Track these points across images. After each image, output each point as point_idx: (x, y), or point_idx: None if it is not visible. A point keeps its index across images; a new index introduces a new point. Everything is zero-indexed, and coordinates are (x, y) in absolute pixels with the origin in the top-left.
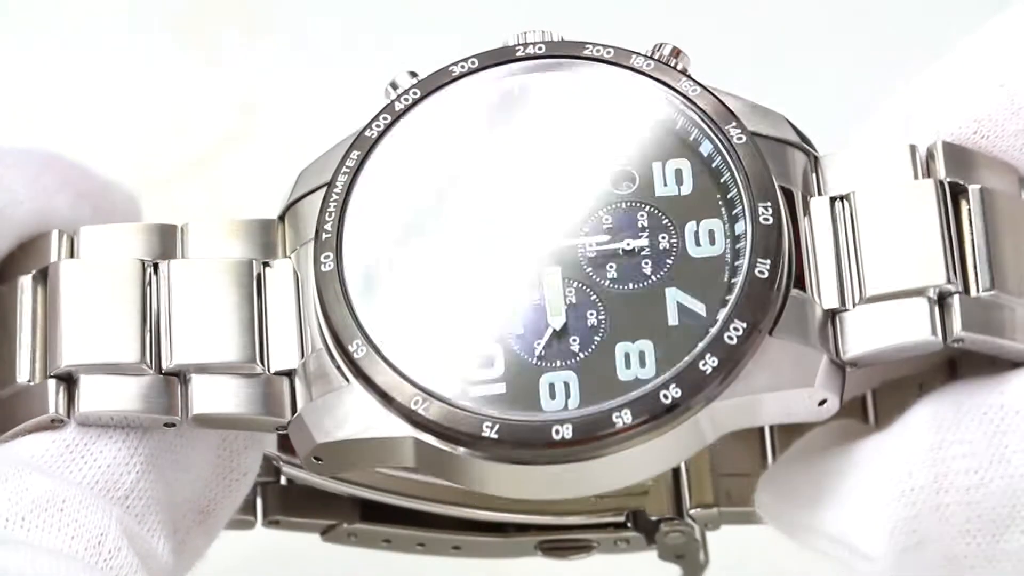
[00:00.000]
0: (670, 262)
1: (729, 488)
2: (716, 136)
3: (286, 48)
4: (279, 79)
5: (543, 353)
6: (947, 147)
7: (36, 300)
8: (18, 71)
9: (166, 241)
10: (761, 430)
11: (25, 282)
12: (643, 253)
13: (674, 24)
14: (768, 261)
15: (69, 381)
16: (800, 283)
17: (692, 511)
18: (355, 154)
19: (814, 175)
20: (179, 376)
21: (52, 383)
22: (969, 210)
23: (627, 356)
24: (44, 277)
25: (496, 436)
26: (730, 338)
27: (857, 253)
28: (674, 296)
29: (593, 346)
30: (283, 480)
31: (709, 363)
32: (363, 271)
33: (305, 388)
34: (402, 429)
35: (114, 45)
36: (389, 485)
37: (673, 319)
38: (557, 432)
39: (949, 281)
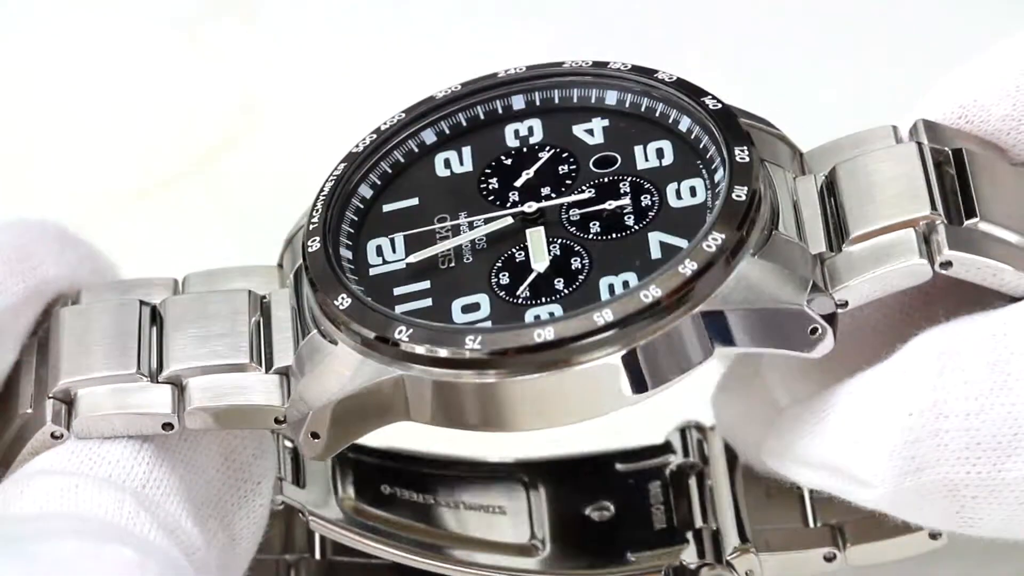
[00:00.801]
0: (652, 213)
1: (768, 538)
2: (692, 109)
3: (288, 47)
4: (280, 79)
5: (527, 294)
6: (928, 122)
7: (38, 351)
8: (17, 71)
9: (166, 290)
10: (800, 494)
11: (32, 342)
12: (625, 211)
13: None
14: (745, 187)
15: (67, 402)
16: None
17: (731, 557)
18: (342, 165)
19: (800, 165)
20: (176, 384)
21: (49, 403)
22: (952, 172)
23: (611, 286)
24: (47, 333)
25: (479, 346)
26: (709, 247)
27: (841, 209)
28: (657, 237)
29: (577, 283)
30: (318, 555)
31: (688, 267)
32: (351, 252)
33: (296, 375)
34: (388, 371)
35: (114, 45)
36: (428, 547)
37: (656, 254)
38: (539, 335)
39: (933, 211)
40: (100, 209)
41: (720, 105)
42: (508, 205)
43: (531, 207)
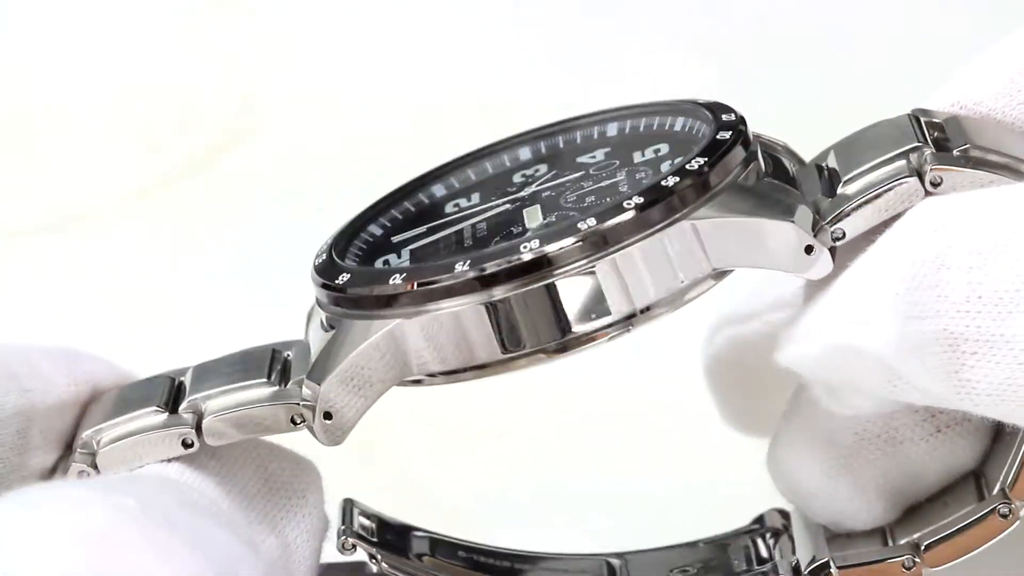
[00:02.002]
0: (645, 180)
1: (847, 555)
2: (685, 108)
3: (288, 47)
4: (280, 79)
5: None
6: (921, 109)
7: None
8: (17, 71)
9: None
10: (882, 532)
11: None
12: (620, 185)
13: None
14: (730, 132)
15: (92, 453)
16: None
17: (808, 570)
18: (352, 215)
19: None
20: (194, 411)
21: (76, 455)
22: (938, 124)
23: None
24: None
25: (467, 267)
26: (692, 167)
27: (833, 171)
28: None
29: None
30: None
31: (672, 180)
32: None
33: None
34: (383, 323)
35: (114, 45)
36: None
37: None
38: (525, 247)
39: (919, 143)
40: (100, 209)
41: (712, 101)
42: (510, 205)
43: (527, 191)
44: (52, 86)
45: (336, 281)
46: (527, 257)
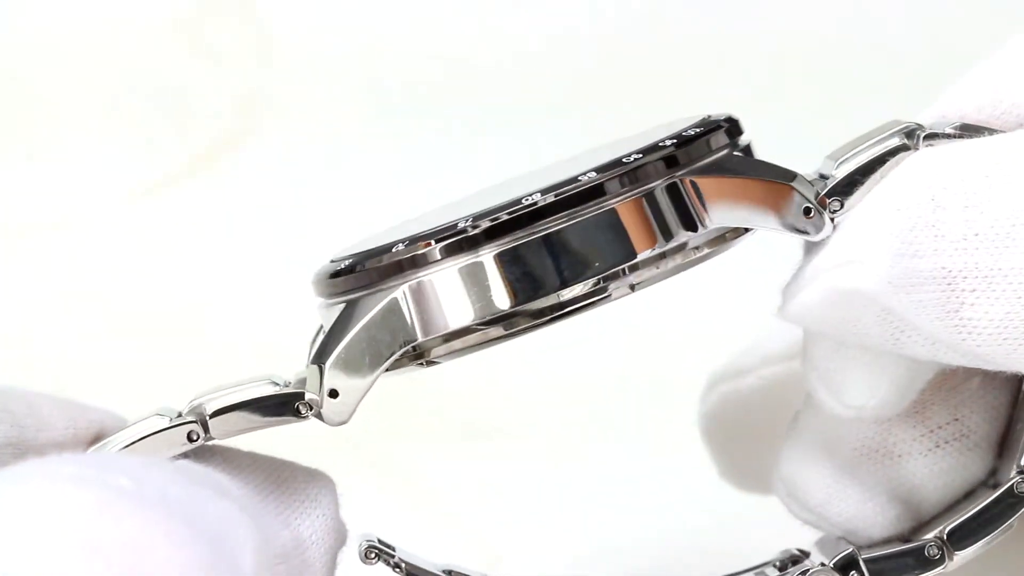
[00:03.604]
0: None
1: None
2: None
3: (287, 48)
4: (280, 79)
5: None
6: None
7: None
8: (17, 71)
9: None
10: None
11: None
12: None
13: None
14: (726, 120)
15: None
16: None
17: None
18: None
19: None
20: (197, 412)
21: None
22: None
23: None
24: None
25: (471, 223)
26: (687, 132)
27: (826, 164)
28: None
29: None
30: None
31: (668, 143)
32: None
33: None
34: (387, 294)
35: (114, 45)
36: None
37: None
38: (528, 198)
39: (911, 123)
40: (100, 209)
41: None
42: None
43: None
44: (52, 86)
45: (337, 266)
46: (528, 203)
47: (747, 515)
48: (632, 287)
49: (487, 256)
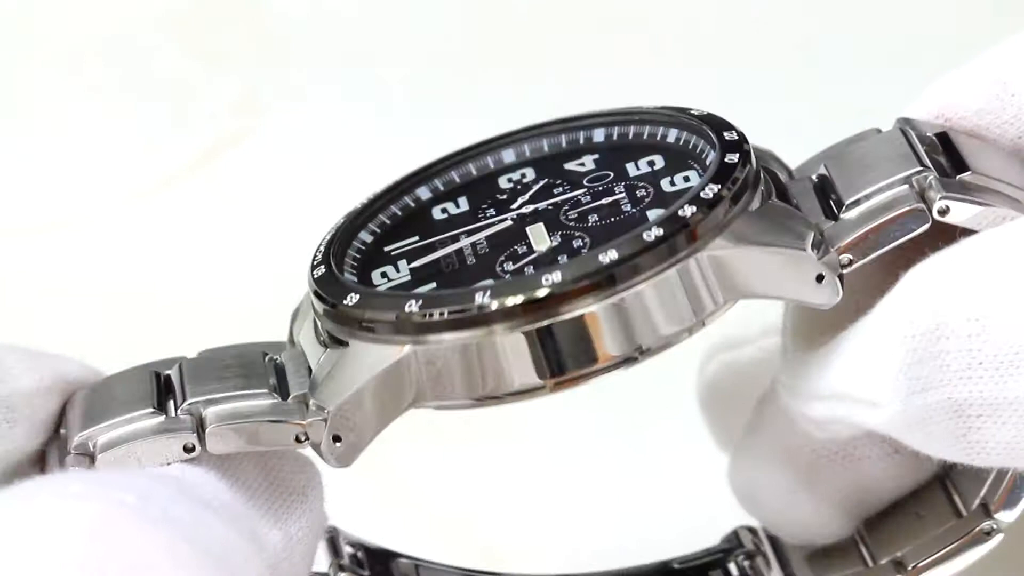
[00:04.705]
0: (648, 199)
1: None
2: (678, 120)
3: (286, 48)
4: (280, 79)
5: (533, 271)
6: (909, 119)
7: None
8: (17, 71)
9: (176, 364)
10: (855, 542)
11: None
12: (622, 202)
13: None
14: (737, 154)
15: (89, 455)
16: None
17: None
18: (341, 221)
19: (788, 176)
20: (194, 415)
21: (71, 458)
22: (934, 143)
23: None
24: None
25: (489, 298)
26: (706, 195)
27: (833, 189)
28: (655, 214)
29: (580, 255)
30: None
31: (688, 210)
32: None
33: (313, 390)
34: (398, 350)
35: (114, 44)
36: None
37: (655, 219)
38: (547, 279)
39: (923, 167)
40: (100, 208)
41: (705, 112)
42: (506, 218)
43: (529, 208)
44: (52, 86)
45: (345, 302)
46: (546, 291)
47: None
48: (640, 353)
49: (503, 335)
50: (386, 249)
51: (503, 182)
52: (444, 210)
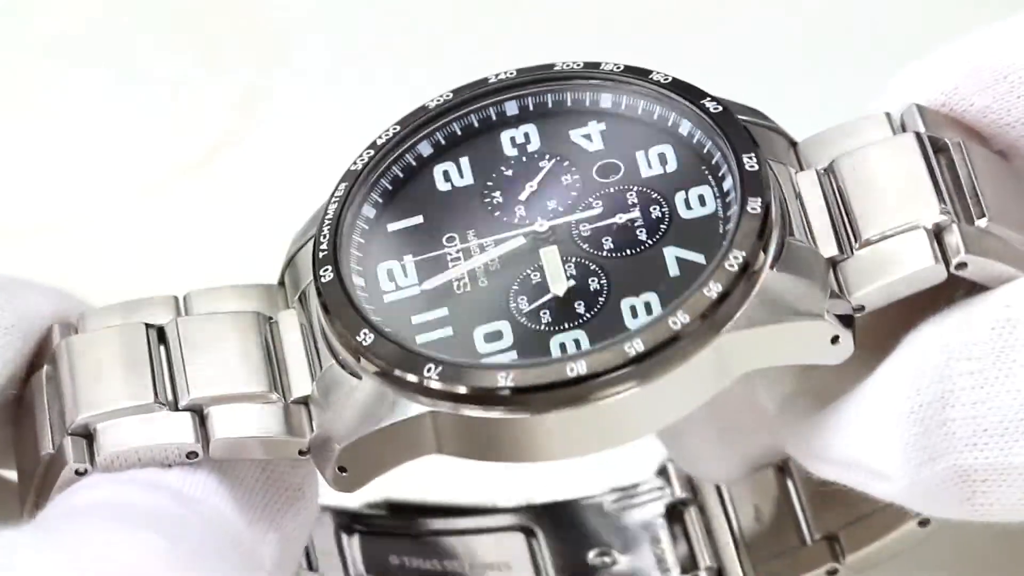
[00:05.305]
0: (664, 226)
1: (772, 572)
2: (693, 113)
3: (285, 47)
4: (278, 79)
5: (549, 319)
6: (920, 108)
7: (52, 385)
8: (17, 71)
9: (168, 308)
10: (791, 504)
11: (42, 374)
12: (636, 224)
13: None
14: (759, 199)
15: (88, 436)
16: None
17: None
18: (343, 185)
19: (796, 157)
20: (197, 412)
21: (69, 440)
22: (949, 159)
23: (633, 308)
24: (55, 363)
25: (512, 383)
26: (731, 266)
27: (848, 207)
28: (673, 252)
29: (598, 306)
30: None
31: (714, 288)
32: (363, 279)
33: (320, 406)
34: (417, 408)
35: (114, 44)
36: None
37: (674, 271)
38: (572, 369)
39: (942, 212)
40: (100, 209)
41: (720, 108)
42: (516, 220)
43: (542, 226)
44: (52, 86)
45: (357, 338)
46: (573, 376)
47: None
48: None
49: (524, 415)
50: (390, 228)
51: (506, 143)
52: (447, 175)
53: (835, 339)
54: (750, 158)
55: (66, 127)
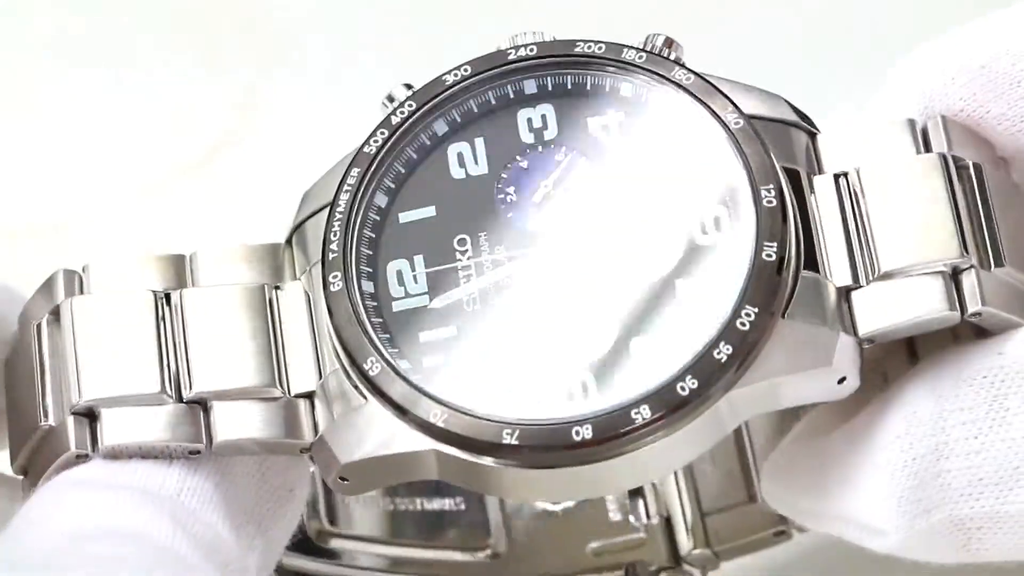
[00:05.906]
0: (677, 256)
1: (718, 527)
2: (714, 119)
3: (285, 47)
4: (278, 79)
5: (558, 355)
6: (946, 121)
7: (53, 341)
8: (17, 71)
9: (176, 270)
10: (744, 460)
11: (40, 325)
12: (648, 250)
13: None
14: (775, 243)
15: (91, 417)
16: (811, 263)
17: (688, 555)
18: (355, 171)
19: (815, 153)
20: (200, 404)
21: (71, 420)
22: (971, 186)
23: (642, 346)
24: (58, 317)
25: (517, 442)
26: (742, 324)
27: (867, 229)
28: (684, 286)
29: (608, 346)
30: None
31: (724, 351)
32: (372, 282)
33: (325, 409)
34: (423, 442)
35: (114, 44)
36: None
37: (687, 310)
38: (577, 433)
39: (962, 256)
40: (100, 208)
41: (741, 123)
42: (528, 227)
43: (552, 244)
44: (52, 86)
45: (364, 366)
46: (579, 440)
47: None
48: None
49: (527, 470)
50: (401, 219)
51: (522, 125)
52: (461, 158)
53: (842, 380)
54: (768, 191)
55: (66, 127)
